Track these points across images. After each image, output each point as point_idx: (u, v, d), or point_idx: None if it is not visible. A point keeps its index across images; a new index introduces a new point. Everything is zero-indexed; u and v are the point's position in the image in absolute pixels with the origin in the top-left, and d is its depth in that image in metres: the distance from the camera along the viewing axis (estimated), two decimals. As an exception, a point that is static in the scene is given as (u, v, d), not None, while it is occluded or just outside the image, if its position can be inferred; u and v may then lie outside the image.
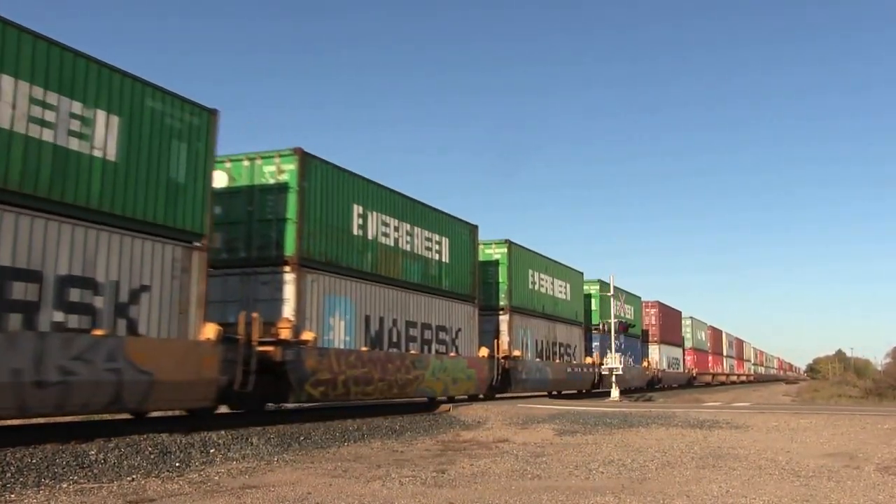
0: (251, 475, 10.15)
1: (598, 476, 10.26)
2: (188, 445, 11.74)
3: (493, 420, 19.01)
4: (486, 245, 27.85)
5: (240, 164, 17.23)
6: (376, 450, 13.43)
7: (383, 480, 9.70)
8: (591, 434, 16.09)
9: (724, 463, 11.53)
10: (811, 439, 14.95)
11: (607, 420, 18.42)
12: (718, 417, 18.94)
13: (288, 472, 10.46)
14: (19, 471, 9.25)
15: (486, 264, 27.28)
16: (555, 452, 12.94)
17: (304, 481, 9.63)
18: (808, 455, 12.53)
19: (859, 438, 15.00)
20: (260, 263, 16.49)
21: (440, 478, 9.96)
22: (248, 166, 17.15)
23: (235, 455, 11.85)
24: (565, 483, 9.63)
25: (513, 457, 12.32)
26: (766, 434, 15.95)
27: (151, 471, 10.16)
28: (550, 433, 16.24)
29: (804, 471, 10.72)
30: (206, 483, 9.43)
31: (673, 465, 11.27)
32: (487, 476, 10.19)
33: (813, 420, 18.03)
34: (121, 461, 10.39)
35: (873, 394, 48.44)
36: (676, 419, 18.65)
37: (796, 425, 17.28)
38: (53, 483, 9.03)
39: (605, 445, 13.97)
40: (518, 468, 10.93)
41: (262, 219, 16.74)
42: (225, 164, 17.09)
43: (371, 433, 15.64)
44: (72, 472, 9.59)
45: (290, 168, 16.77)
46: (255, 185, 17.01)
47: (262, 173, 17.00)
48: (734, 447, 13.62)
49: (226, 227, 16.71)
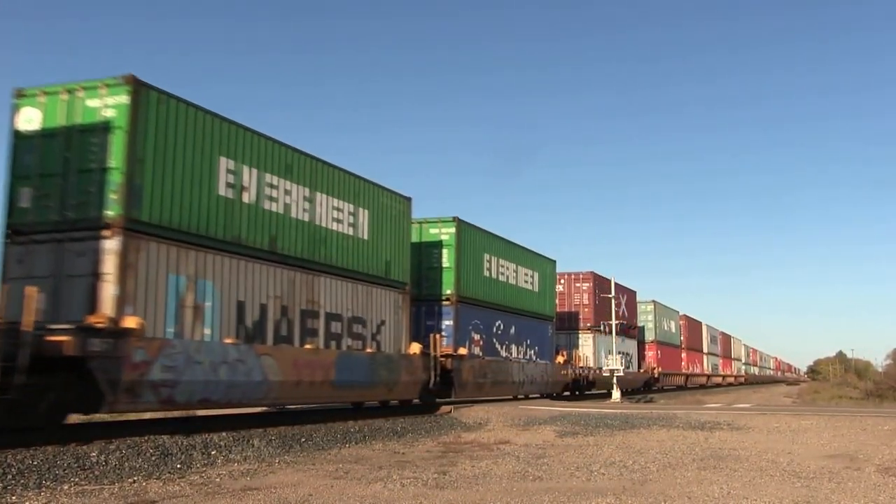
0: (252, 477, 10.15)
1: (599, 477, 10.26)
2: (189, 447, 11.74)
3: (494, 421, 19.01)
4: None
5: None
6: (377, 451, 13.43)
7: (385, 482, 9.70)
8: (592, 435, 16.09)
9: (725, 464, 11.53)
10: (812, 440, 14.95)
11: (608, 421, 18.41)
12: (719, 419, 18.94)
13: (289, 474, 10.46)
14: (20, 472, 9.25)
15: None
16: (556, 454, 12.93)
17: (306, 483, 9.63)
18: (809, 456, 12.53)
19: (860, 440, 15.00)
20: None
21: (441, 479, 9.96)
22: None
23: (237, 457, 11.85)
24: (566, 484, 9.63)
25: (514, 458, 12.31)
26: (767, 435, 15.95)
27: (152, 472, 10.16)
28: (552, 434, 16.24)
29: (805, 472, 10.72)
30: (208, 485, 9.43)
31: (674, 467, 11.27)
32: (489, 477, 10.19)
33: (814, 421, 18.03)
34: (122, 463, 10.39)
35: (874, 395, 48.47)
36: (677, 420, 18.64)
37: (797, 426, 17.27)
38: (54, 485, 9.03)
39: (606, 447, 13.97)
40: (519, 469, 10.93)
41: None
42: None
43: (372, 435, 15.64)
44: (73, 473, 9.59)
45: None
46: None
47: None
48: (735, 448, 13.61)
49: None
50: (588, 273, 38.29)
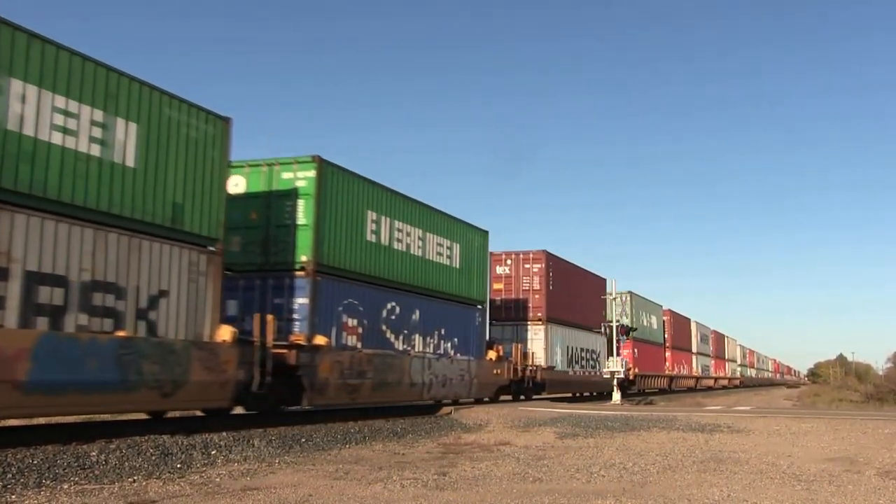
0: (252, 477, 10.15)
1: (599, 479, 10.26)
2: (189, 447, 11.75)
3: (494, 423, 19.01)
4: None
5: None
6: (377, 452, 13.43)
7: (384, 483, 9.70)
8: (592, 437, 16.08)
9: (725, 467, 11.53)
10: (812, 443, 14.94)
11: (608, 423, 18.40)
12: (719, 421, 18.92)
13: (289, 474, 10.47)
14: (20, 471, 9.26)
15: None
16: (556, 455, 12.94)
17: (306, 483, 9.64)
18: (810, 459, 12.52)
19: (860, 443, 14.99)
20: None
21: (441, 480, 9.96)
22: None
23: (237, 457, 11.86)
24: (566, 486, 9.63)
25: (514, 459, 12.32)
26: (768, 438, 15.94)
27: (153, 472, 10.17)
28: (552, 436, 16.23)
29: (805, 475, 10.71)
30: (208, 484, 9.44)
31: (674, 469, 11.27)
32: (489, 479, 10.19)
33: (814, 424, 18.01)
34: (122, 462, 10.39)
35: (874, 398, 48.50)
36: (677, 423, 18.63)
37: (797, 429, 17.26)
38: (54, 484, 9.04)
39: (606, 449, 13.97)
40: (519, 471, 10.93)
41: None
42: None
43: (372, 435, 15.64)
44: (73, 473, 9.60)
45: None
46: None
47: None
48: (735, 451, 13.61)
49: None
50: (540, 252, 31.06)
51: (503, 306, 30.68)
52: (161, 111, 13.36)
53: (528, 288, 31.04)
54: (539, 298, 30.94)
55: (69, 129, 11.64)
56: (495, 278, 31.12)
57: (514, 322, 30.58)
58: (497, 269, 31.30)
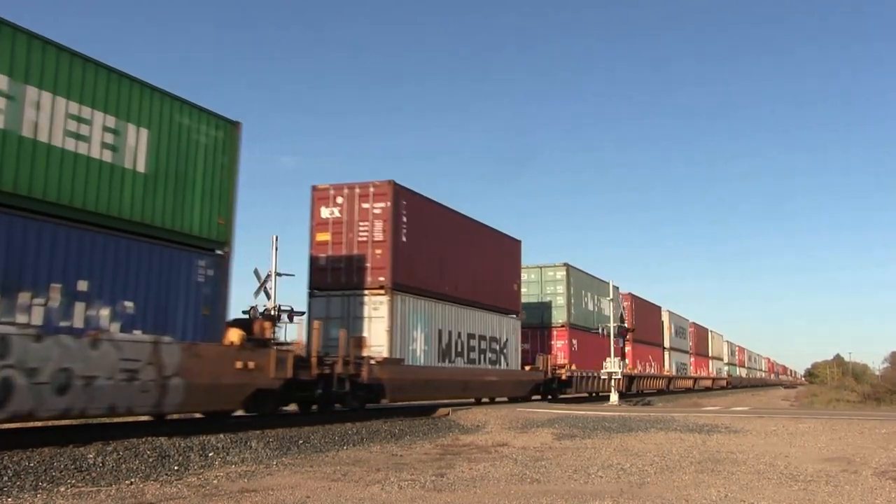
0: (250, 479, 10.14)
1: (596, 480, 10.26)
2: (187, 449, 11.73)
3: (492, 424, 19.00)
4: None
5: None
6: (375, 453, 13.42)
7: (382, 484, 9.69)
8: (589, 438, 16.08)
9: (722, 467, 11.54)
10: (809, 444, 14.96)
11: (606, 424, 18.40)
12: (717, 422, 18.94)
13: (287, 476, 10.45)
14: (17, 474, 9.24)
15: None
16: (554, 456, 12.93)
17: (303, 485, 9.63)
18: (807, 459, 12.54)
19: (857, 443, 15.01)
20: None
21: (439, 482, 9.96)
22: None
23: (234, 459, 11.84)
24: (564, 487, 9.63)
25: (512, 461, 12.31)
26: (765, 438, 15.95)
27: (150, 474, 10.15)
28: (549, 437, 16.23)
29: (803, 475, 10.72)
30: (205, 487, 9.42)
31: (672, 470, 11.28)
32: (486, 480, 10.18)
33: (811, 424, 18.03)
34: (119, 465, 10.37)
35: (871, 398, 48.59)
36: (675, 423, 18.64)
37: (795, 430, 17.27)
38: (51, 487, 9.02)
39: (603, 450, 13.97)
40: (517, 472, 10.93)
41: None
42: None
43: (370, 437, 15.63)
44: (70, 475, 9.58)
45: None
46: None
47: None
48: (733, 452, 13.62)
49: None
50: (384, 185, 20.43)
51: (330, 267, 20.44)
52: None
53: (367, 239, 20.43)
54: (382, 256, 20.14)
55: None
56: (319, 225, 20.89)
57: (344, 291, 20.31)
58: (322, 212, 20.92)
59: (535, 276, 34.72)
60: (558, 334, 34.32)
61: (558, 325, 34.46)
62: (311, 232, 21.02)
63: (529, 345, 31.94)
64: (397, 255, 20.54)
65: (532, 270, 34.47)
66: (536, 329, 33.38)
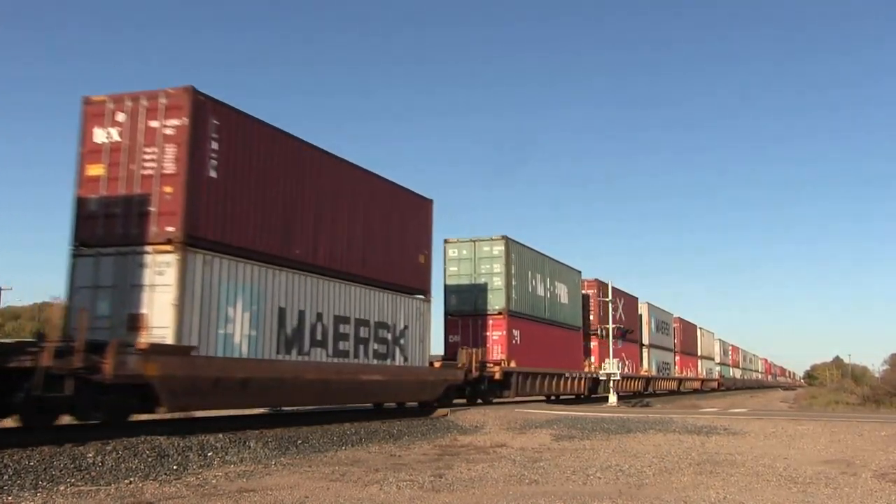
0: (248, 479, 10.15)
1: (595, 481, 10.27)
2: (186, 448, 11.74)
3: (490, 425, 19.02)
4: None
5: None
6: (374, 454, 13.43)
7: (381, 484, 9.70)
8: (588, 439, 16.10)
9: (721, 469, 11.55)
10: (808, 446, 14.97)
11: (604, 425, 18.43)
12: (716, 423, 18.97)
13: (285, 476, 10.46)
14: (17, 473, 9.24)
15: None
16: (552, 457, 12.95)
17: (302, 485, 9.64)
18: (806, 461, 12.55)
19: (856, 445, 15.02)
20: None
21: (438, 482, 9.97)
22: None
23: (233, 458, 11.85)
24: (563, 488, 9.64)
25: (510, 461, 12.32)
26: (764, 440, 15.97)
27: (149, 474, 10.16)
28: (548, 438, 16.24)
29: (801, 477, 10.73)
30: (204, 486, 9.44)
31: (670, 471, 11.29)
32: (485, 481, 10.19)
33: (810, 427, 18.05)
34: (118, 464, 10.38)
35: (871, 401, 48.61)
36: (674, 425, 18.66)
37: (794, 432, 17.29)
38: (51, 486, 9.03)
39: (602, 451, 13.98)
40: (515, 473, 10.94)
41: None
42: None
43: (369, 437, 15.64)
44: (69, 474, 9.58)
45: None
46: None
47: None
48: (732, 453, 13.63)
49: None
50: (180, 93, 13.81)
51: (103, 214, 13.80)
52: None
53: (154, 172, 13.68)
54: (173, 196, 13.51)
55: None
56: (91, 154, 14.11)
57: (120, 248, 13.59)
58: (95, 134, 14.16)
59: (467, 252, 27.78)
60: (494, 324, 27.05)
61: (494, 313, 27.07)
62: (78, 163, 14.14)
63: (460, 336, 26.74)
64: (198, 196, 13.71)
65: (463, 245, 27.88)
66: (468, 318, 27.12)
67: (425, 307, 21.54)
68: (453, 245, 27.95)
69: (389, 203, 20.10)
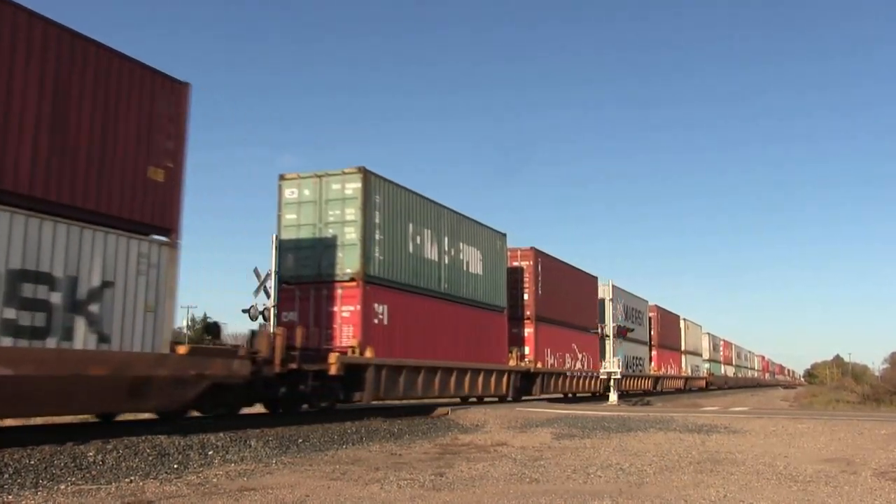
0: (249, 477, 10.15)
1: (595, 480, 10.28)
2: (186, 447, 11.74)
3: (491, 424, 19.02)
4: None
5: None
6: (374, 453, 13.43)
7: (381, 483, 9.71)
8: (588, 438, 16.10)
9: (722, 468, 11.55)
10: (809, 444, 14.97)
11: (605, 424, 18.42)
12: (716, 422, 18.96)
13: (286, 475, 10.47)
14: (17, 472, 9.25)
15: None
16: (553, 456, 12.95)
17: (303, 484, 9.64)
18: (806, 460, 12.55)
19: (857, 444, 15.02)
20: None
21: (438, 481, 9.97)
22: None
23: (234, 457, 11.85)
24: (563, 487, 9.65)
25: (511, 460, 12.33)
26: (764, 439, 15.97)
27: (150, 472, 10.16)
28: (548, 437, 16.24)
29: (802, 476, 10.74)
30: (205, 485, 9.44)
31: (671, 470, 11.29)
32: (485, 479, 10.20)
33: (811, 425, 18.05)
34: (119, 463, 10.39)
35: (871, 399, 48.70)
36: (674, 423, 18.66)
37: (794, 430, 17.29)
38: (51, 484, 9.03)
39: (603, 449, 13.99)
40: (516, 472, 10.94)
41: None
42: None
43: (369, 436, 15.64)
44: (70, 473, 9.59)
45: None
46: None
47: None
48: (732, 452, 13.63)
49: None
50: None
51: None
52: None
53: None
54: None
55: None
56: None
57: None
58: None
59: (310, 193, 19.68)
60: (345, 294, 18.92)
61: (345, 279, 18.97)
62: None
63: (297, 313, 19.04)
64: None
65: (306, 182, 19.74)
66: (309, 286, 19.15)
67: (164, 255, 13.09)
68: (291, 182, 19.89)
69: (79, 70, 11.77)
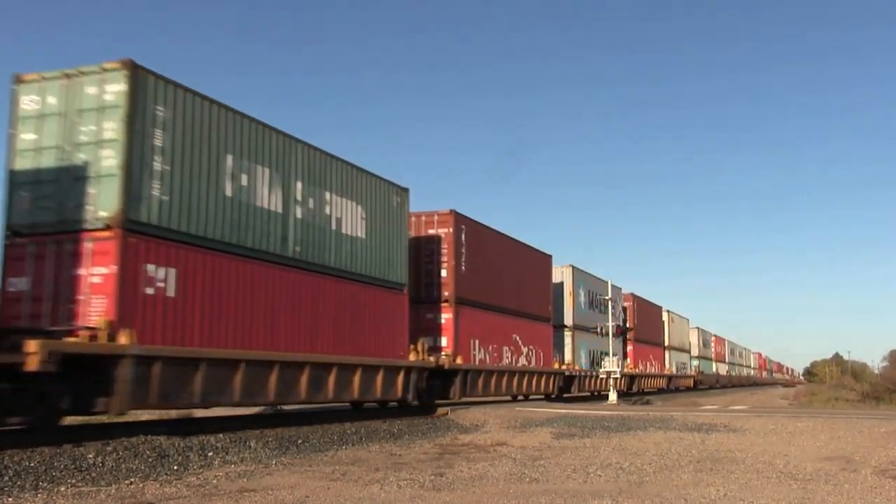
0: (249, 479, 10.15)
1: (595, 479, 10.28)
2: (186, 448, 11.74)
3: (490, 423, 19.02)
4: None
5: None
6: (374, 453, 13.43)
7: (381, 484, 9.70)
8: (588, 437, 16.10)
9: (721, 466, 11.55)
10: (808, 443, 14.98)
11: (605, 423, 18.42)
12: (716, 421, 18.96)
13: (286, 476, 10.46)
14: (17, 474, 9.24)
15: None
16: (552, 456, 12.95)
17: (303, 485, 9.64)
18: (806, 458, 12.56)
19: (856, 442, 15.03)
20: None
21: (438, 481, 9.97)
22: None
23: (234, 458, 11.85)
24: (563, 486, 9.65)
25: (511, 460, 12.33)
26: (764, 437, 15.98)
27: (149, 474, 10.16)
28: (548, 437, 16.24)
29: (802, 474, 10.74)
30: (205, 486, 9.43)
31: (671, 469, 11.29)
32: (485, 479, 10.20)
33: (810, 423, 18.06)
34: (119, 464, 10.38)
35: (870, 397, 48.65)
36: (674, 423, 18.66)
37: (794, 429, 17.30)
38: (51, 486, 9.02)
39: (602, 449, 13.99)
40: (516, 471, 10.94)
41: None
42: None
43: (369, 436, 15.64)
44: (70, 475, 9.58)
45: None
46: None
47: None
48: (732, 451, 13.64)
49: None
50: None
51: None
52: None
53: None
54: None
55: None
56: None
57: None
58: None
59: (57, 102, 12.71)
60: (97, 250, 12.09)
61: (97, 227, 12.17)
62: None
63: (31, 278, 12.23)
64: None
65: (50, 85, 12.78)
66: (49, 237, 12.31)
67: None
68: (31, 86, 12.94)
69: None
